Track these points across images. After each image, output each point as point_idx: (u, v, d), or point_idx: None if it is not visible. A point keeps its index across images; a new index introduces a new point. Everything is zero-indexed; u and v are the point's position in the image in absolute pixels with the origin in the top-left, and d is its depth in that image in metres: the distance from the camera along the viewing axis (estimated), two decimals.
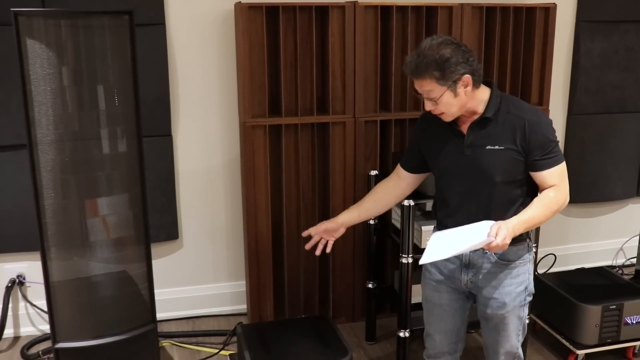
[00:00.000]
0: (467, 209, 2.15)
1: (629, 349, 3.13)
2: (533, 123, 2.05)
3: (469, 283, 2.24)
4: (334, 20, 3.08)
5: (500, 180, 2.09)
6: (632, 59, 3.84)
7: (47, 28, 2.29)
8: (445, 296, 2.31)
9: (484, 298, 2.24)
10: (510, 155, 2.07)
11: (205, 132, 3.37)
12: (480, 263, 2.20)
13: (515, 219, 2.03)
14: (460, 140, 2.14)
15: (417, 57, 2.02)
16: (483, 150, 2.09)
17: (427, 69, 1.99)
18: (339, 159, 3.24)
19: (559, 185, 2.10)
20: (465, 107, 2.08)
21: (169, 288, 3.50)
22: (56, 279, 2.50)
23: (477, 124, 2.11)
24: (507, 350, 2.30)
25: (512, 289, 2.20)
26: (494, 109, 2.09)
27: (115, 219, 2.54)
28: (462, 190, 2.16)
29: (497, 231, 1.95)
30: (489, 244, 1.95)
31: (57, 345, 2.52)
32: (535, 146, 2.06)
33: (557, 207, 2.10)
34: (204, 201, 3.46)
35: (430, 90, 2.02)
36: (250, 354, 2.62)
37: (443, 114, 2.09)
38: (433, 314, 2.38)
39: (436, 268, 2.31)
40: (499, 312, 2.22)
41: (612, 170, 4.00)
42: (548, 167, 2.08)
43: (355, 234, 3.35)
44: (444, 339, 2.38)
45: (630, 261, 4.17)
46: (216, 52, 3.28)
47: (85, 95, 2.39)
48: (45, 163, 2.37)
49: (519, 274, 2.21)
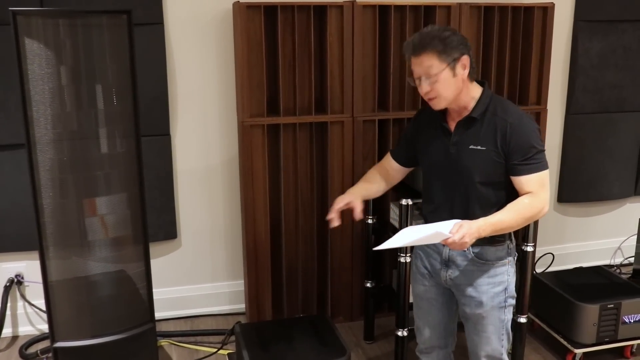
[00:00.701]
0: (449, 207, 2.19)
1: (626, 347, 3.14)
2: (515, 126, 2.06)
3: (448, 280, 2.27)
4: (332, 20, 3.09)
5: (479, 181, 2.11)
6: (630, 58, 3.84)
7: (45, 27, 2.29)
8: (432, 290, 2.34)
9: (462, 297, 2.27)
10: (490, 157, 2.09)
11: (204, 131, 3.37)
12: (458, 260, 2.23)
13: (482, 220, 2.04)
14: (447, 138, 2.17)
15: (419, 36, 2.06)
16: (466, 149, 2.12)
17: (430, 43, 2.02)
18: (337, 158, 3.25)
19: (536, 192, 2.08)
20: (458, 95, 2.10)
21: (168, 287, 3.50)
22: (54, 278, 2.50)
23: (463, 123, 2.14)
24: (489, 354, 2.30)
25: (488, 288, 2.22)
26: (482, 109, 2.12)
27: (113, 218, 2.54)
28: (445, 188, 2.20)
29: (458, 229, 1.97)
30: (446, 240, 1.97)
31: (56, 345, 2.52)
32: (514, 150, 2.06)
33: (530, 215, 2.09)
34: (203, 200, 3.46)
35: (430, 66, 2.03)
36: (248, 353, 2.62)
37: (436, 99, 2.09)
38: (421, 308, 2.41)
39: (421, 262, 2.35)
40: (477, 311, 2.24)
41: (610, 169, 4.01)
42: (527, 172, 2.07)
43: (353, 233, 3.35)
44: (433, 333, 2.41)
45: (628, 260, 4.17)
46: (214, 52, 3.28)
47: (83, 94, 2.39)
48: (43, 162, 2.37)
49: (497, 274, 2.22)
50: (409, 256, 2.80)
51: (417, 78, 2.10)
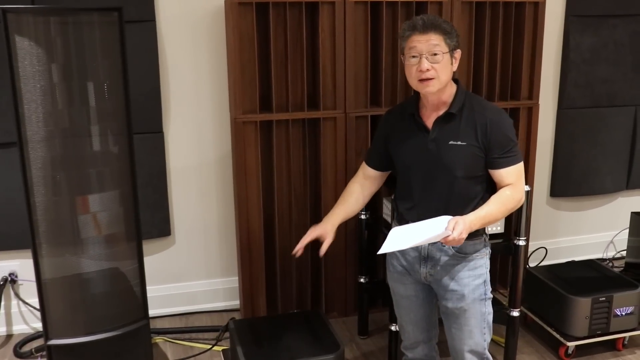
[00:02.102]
0: (428, 203, 2.20)
1: (618, 340, 3.16)
2: (495, 122, 2.12)
3: (427, 276, 2.28)
4: (324, 16, 3.09)
5: (461, 176, 2.14)
6: (621, 53, 3.86)
7: (36, 25, 2.28)
8: (411, 287, 2.35)
9: (443, 291, 2.27)
10: (471, 151, 2.13)
11: (197, 128, 3.37)
12: (438, 256, 2.24)
13: (473, 214, 2.09)
14: (424, 135, 2.18)
15: (426, 16, 2.10)
16: (446, 145, 2.14)
17: (440, 25, 2.08)
18: (330, 154, 3.25)
19: (515, 184, 2.16)
20: (446, 86, 2.12)
21: (162, 285, 3.51)
22: (48, 276, 2.50)
23: (442, 119, 2.16)
24: (472, 348, 2.31)
25: (469, 281, 2.24)
26: (459, 105, 2.15)
27: (106, 215, 2.54)
28: (424, 184, 2.20)
29: (455, 226, 2.00)
30: (446, 237, 2.00)
31: (50, 342, 2.52)
32: (495, 144, 2.12)
33: (512, 205, 2.17)
34: (196, 197, 3.46)
35: (437, 45, 2.06)
36: (242, 349, 2.63)
37: (433, 80, 2.09)
38: (401, 306, 2.42)
39: (397, 260, 2.34)
40: (459, 305, 2.25)
41: (601, 163, 4.03)
42: (506, 165, 2.15)
43: (346, 229, 3.36)
44: (416, 329, 2.42)
45: (620, 254, 4.20)
46: (207, 49, 3.28)
47: (75, 92, 2.39)
48: (35, 160, 2.37)
49: (477, 267, 2.25)
50: None
51: (417, 55, 2.08)
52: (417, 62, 2.08)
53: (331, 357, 2.60)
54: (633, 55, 3.89)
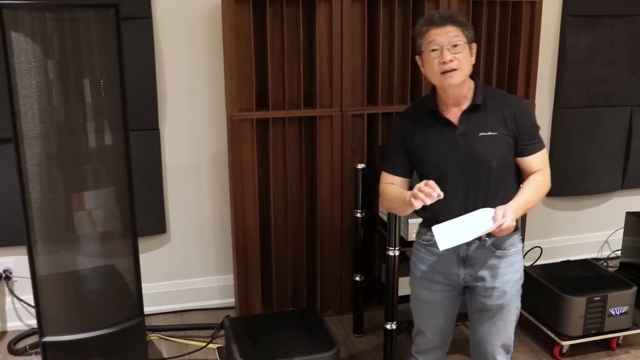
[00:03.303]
0: (461, 198, 2.14)
1: (612, 339, 3.17)
2: (521, 109, 2.15)
3: (467, 277, 2.23)
4: (321, 14, 3.08)
5: (496, 166, 2.12)
6: (617, 53, 3.87)
7: (32, 21, 2.27)
8: (439, 294, 2.29)
9: (483, 289, 2.23)
10: (504, 141, 2.12)
11: (193, 125, 3.36)
12: (478, 255, 2.20)
13: (514, 202, 2.09)
14: (451, 130, 2.14)
15: (442, 11, 2.12)
16: (476, 137, 2.11)
17: (457, 18, 2.09)
18: (326, 152, 3.25)
19: (544, 169, 2.19)
20: (465, 80, 2.11)
21: (157, 282, 3.50)
22: (43, 273, 2.49)
23: (468, 112, 2.13)
24: (504, 342, 2.30)
25: (510, 277, 2.23)
26: (482, 96, 2.14)
27: (102, 212, 2.53)
28: (456, 180, 2.14)
29: (504, 214, 2.00)
30: (500, 226, 2.00)
31: (44, 339, 2.52)
32: (524, 131, 2.14)
33: (545, 190, 2.20)
34: (192, 195, 3.46)
35: (457, 36, 2.06)
36: (237, 347, 2.63)
37: (457, 71, 2.06)
38: (425, 312, 2.35)
39: (429, 266, 2.27)
40: (499, 302, 2.22)
41: (597, 163, 4.04)
42: (534, 151, 2.17)
43: (342, 227, 3.36)
44: (435, 336, 2.37)
45: (615, 253, 4.20)
46: (203, 46, 3.27)
47: (71, 88, 2.38)
48: (31, 157, 2.36)
49: (515, 262, 2.24)
50: (398, 250, 2.81)
51: (437, 48, 2.05)
52: (439, 55, 2.05)
53: (326, 355, 2.60)
54: (629, 56, 3.90)
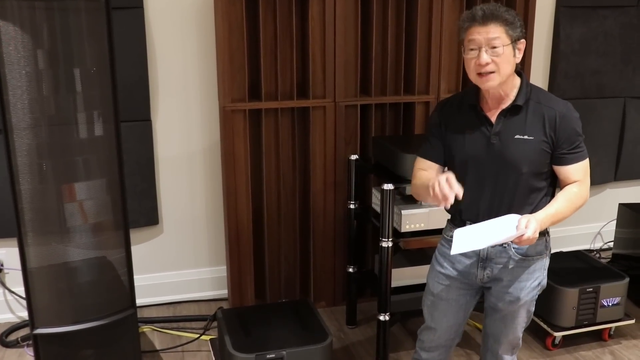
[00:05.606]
0: (488, 199, 2.09)
1: (604, 330, 3.18)
2: (564, 115, 2.03)
3: (485, 277, 2.19)
4: (314, 5, 3.07)
5: (526, 172, 2.04)
6: (611, 44, 3.87)
7: (20, 10, 2.24)
8: (455, 292, 2.25)
9: (498, 292, 2.20)
10: (539, 147, 2.03)
11: (185, 116, 3.35)
12: (498, 258, 2.15)
13: (542, 212, 2.01)
14: (487, 129, 2.07)
15: (486, 7, 1.97)
16: (511, 139, 2.04)
17: (501, 15, 1.95)
18: (319, 143, 3.24)
19: (582, 181, 2.07)
20: (507, 79, 2.01)
21: (150, 274, 3.49)
22: (34, 265, 2.47)
23: (507, 112, 2.05)
24: (510, 340, 2.29)
25: (527, 284, 2.17)
26: (525, 97, 2.05)
27: (93, 204, 2.51)
28: (485, 180, 2.09)
29: (527, 224, 1.91)
30: (520, 237, 1.92)
31: (36, 331, 2.50)
32: (563, 139, 2.03)
33: (580, 204, 2.08)
34: (184, 186, 3.45)
35: (497, 38, 1.94)
36: (230, 339, 2.63)
37: (494, 74, 1.97)
38: (437, 308, 2.30)
39: (450, 263, 2.23)
40: (511, 307, 2.20)
41: (590, 154, 3.95)
42: (574, 161, 2.06)
43: (335, 218, 3.35)
44: (444, 334, 2.33)
45: (607, 245, 4.22)
46: (195, 36, 3.25)
47: (61, 78, 2.36)
48: (21, 148, 2.33)
49: (535, 270, 2.17)
50: (391, 241, 2.80)
51: (475, 48, 1.97)
52: (476, 56, 1.96)
53: (319, 346, 2.61)
54: (623, 47, 3.90)
